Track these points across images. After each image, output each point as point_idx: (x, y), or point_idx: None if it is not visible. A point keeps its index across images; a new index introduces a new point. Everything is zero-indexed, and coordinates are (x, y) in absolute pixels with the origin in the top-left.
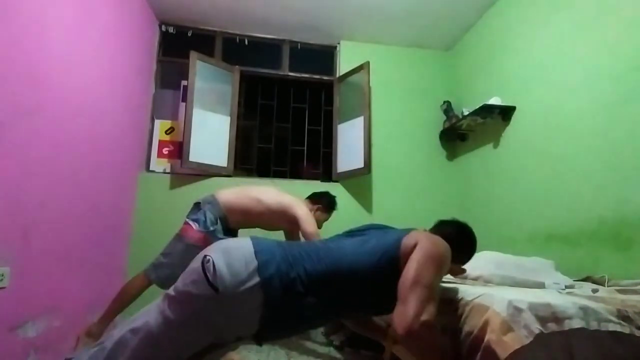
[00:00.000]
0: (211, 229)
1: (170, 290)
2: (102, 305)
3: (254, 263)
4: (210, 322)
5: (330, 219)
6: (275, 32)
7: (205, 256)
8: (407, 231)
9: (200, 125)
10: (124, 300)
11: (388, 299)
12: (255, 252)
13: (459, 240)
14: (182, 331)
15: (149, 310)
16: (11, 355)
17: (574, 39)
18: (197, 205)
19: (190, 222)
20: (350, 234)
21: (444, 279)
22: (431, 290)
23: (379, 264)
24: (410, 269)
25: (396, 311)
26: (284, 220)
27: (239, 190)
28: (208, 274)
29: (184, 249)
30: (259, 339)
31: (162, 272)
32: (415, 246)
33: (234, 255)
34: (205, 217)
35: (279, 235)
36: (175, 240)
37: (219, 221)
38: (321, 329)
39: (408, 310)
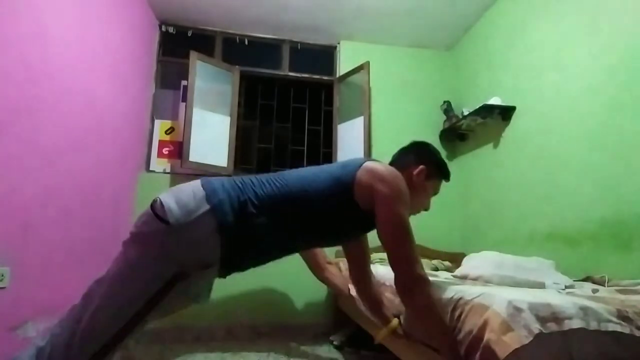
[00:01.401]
0: None
1: (125, 237)
2: None
3: (202, 193)
4: (168, 254)
5: None
6: (275, 32)
7: (154, 199)
8: (361, 163)
9: (200, 125)
10: None
11: (339, 227)
12: (202, 185)
13: (429, 160)
14: (144, 268)
15: (111, 263)
16: (11, 356)
17: (574, 39)
18: None
19: None
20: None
21: (443, 279)
22: (409, 230)
23: (330, 189)
24: (384, 217)
25: (395, 266)
26: None
27: None
28: (156, 211)
29: None
30: (226, 270)
31: None
32: (372, 185)
33: (181, 191)
34: None
35: None
36: None
37: None
38: (321, 330)
39: (404, 264)
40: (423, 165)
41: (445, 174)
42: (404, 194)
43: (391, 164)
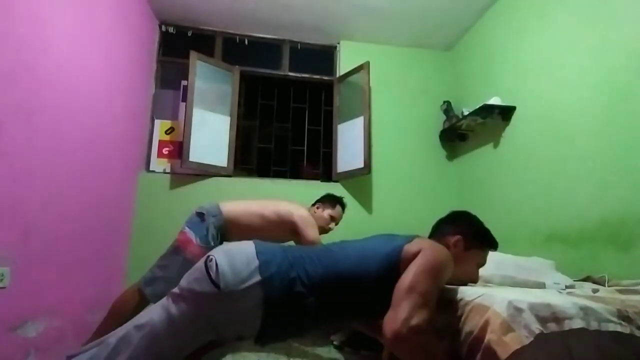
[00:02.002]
0: (212, 244)
1: (175, 289)
2: (102, 306)
3: (256, 262)
4: (212, 320)
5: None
6: (275, 32)
7: (208, 256)
8: (411, 238)
9: (200, 125)
10: (115, 320)
11: (384, 304)
12: (257, 253)
13: (468, 231)
14: (185, 328)
15: (154, 309)
16: (11, 356)
17: (574, 39)
18: (199, 216)
19: (191, 235)
20: (354, 239)
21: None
22: (425, 298)
23: (379, 269)
24: (408, 276)
25: (387, 315)
26: (287, 231)
27: (244, 207)
28: (210, 271)
29: (182, 263)
30: (260, 341)
31: (158, 287)
32: (417, 253)
33: (236, 255)
34: (208, 232)
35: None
36: (172, 252)
37: (218, 235)
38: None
39: (398, 314)
40: (460, 236)
41: (488, 243)
42: (442, 268)
43: (430, 236)
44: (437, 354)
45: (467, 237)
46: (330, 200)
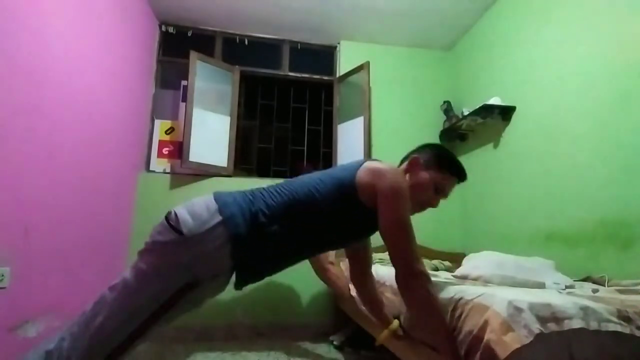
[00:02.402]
0: None
1: (141, 247)
2: None
3: (215, 205)
4: (181, 263)
5: None
6: (275, 32)
7: (168, 211)
8: (361, 163)
9: (200, 125)
10: None
11: (348, 228)
12: (215, 198)
13: (429, 152)
14: (156, 276)
15: (125, 270)
16: (11, 356)
17: (574, 39)
18: None
19: None
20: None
21: (443, 279)
22: (409, 226)
23: (335, 192)
24: (385, 214)
25: (396, 262)
26: None
27: None
28: (171, 222)
29: None
30: (239, 282)
31: None
32: (370, 183)
33: (195, 203)
34: None
35: None
36: None
37: None
38: (321, 330)
39: (404, 258)
40: (416, 155)
41: (447, 165)
42: (403, 190)
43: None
44: (442, 310)
45: (426, 157)
46: None
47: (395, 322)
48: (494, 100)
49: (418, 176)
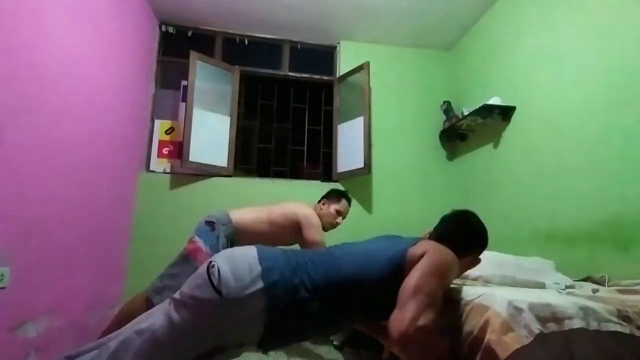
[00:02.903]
0: None
1: (177, 294)
2: (102, 306)
3: (258, 269)
4: (214, 327)
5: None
6: (275, 32)
7: (210, 262)
8: (415, 240)
9: (200, 125)
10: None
11: (392, 307)
12: (259, 259)
13: (466, 235)
14: (186, 334)
15: (155, 313)
16: (11, 356)
17: (574, 38)
18: (209, 224)
19: (201, 244)
20: (357, 241)
21: None
22: (431, 298)
23: (383, 271)
24: (413, 276)
25: (393, 315)
26: (294, 232)
27: (253, 214)
28: (213, 278)
29: (192, 272)
30: (264, 347)
31: (167, 297)
32: (422, 256)
33: (238, 261)
34: (218, 240)
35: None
36: (182, 261)
37: (229, 244)
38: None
39: (404, 314)
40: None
41: (482, 249)
42: (447, 269)
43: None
44: (443, 355)
45: (471, 248)
46: (335, 195)
47: None
48: (494, 100)
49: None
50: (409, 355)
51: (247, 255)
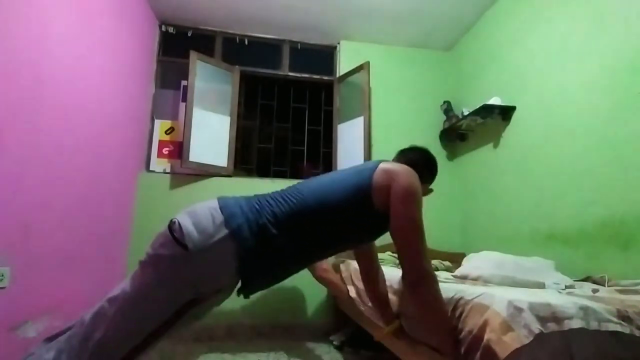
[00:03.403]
0: None
1: (142, 257)
2: None
3: (221, 217)
4: (186, 279)
5: None
6: (275, 32)
7: (171, 220)
8: (376, 165)
9: (200, 125)
10: None
11: (358, 233)
12: (221, 207)
13: (424, 164)
14: (158, 291)
15: (125, 280)
16: (11, 356)
17: (574, 39)
18: None
19: None
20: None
21: (443, 279)
22: (421, 227)
23: (348, 198)
24: (398, 211)
25: (403, 261)
26: None
27: None
28: (175, 234)
29: None
30: (244, 292)
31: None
32: (388, 185)
33: (199, 213)
34: None
35: None
36: None
37: None
38: (322, 330)
39: (414, 255)
40: (426, 185)
41: (432, 178)
42: (418, 191)
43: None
44: (444, 306)
45: (423, 171)
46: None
47: (397, 321)
48: (494, 100)
49: None
50: (423, 297)
51: (208, 207)
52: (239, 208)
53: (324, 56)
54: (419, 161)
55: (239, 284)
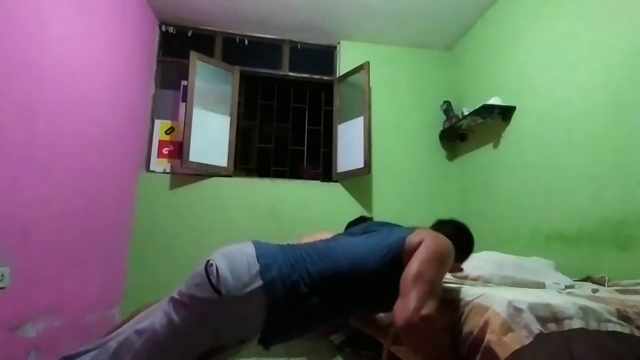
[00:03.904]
0: None
1: (175, 293)
2: (102, 306)
3: (257, 267)
4: (214, 325)
5: (329, 220)
6: (275, 32)
7: (208, 260)
8: (412, 229)
9: (200, 125)
10: None
11: (392, 297)
12: (257, 256)
13: (458, 239)
14: (186, 333)
15: (154, 312)
16: (11, 356)
17: (574, 38)
18: None
19: None
20: (353, 232)
21: (445, 279)
22: (433, 286)
23: (382, 262)
24: (413, 264)
25: (397, 304)
26: None
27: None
28: (211, 277)
29: None
30: (265, 343)
31: None
32: (420, 244)
33: (236, 259)
34: None
35: None
36: None
37: None
38: (323, 330)
39: (409, 302)
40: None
41: (467, 257)
42: (446, 257)
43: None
44: (444, 345)
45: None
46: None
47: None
48: (494, 100)
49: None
50: (414, 344)
51: (245, 253)
52: (275, 259)
53: (324, 56)
54: (455, 235)
55: (261, 335)
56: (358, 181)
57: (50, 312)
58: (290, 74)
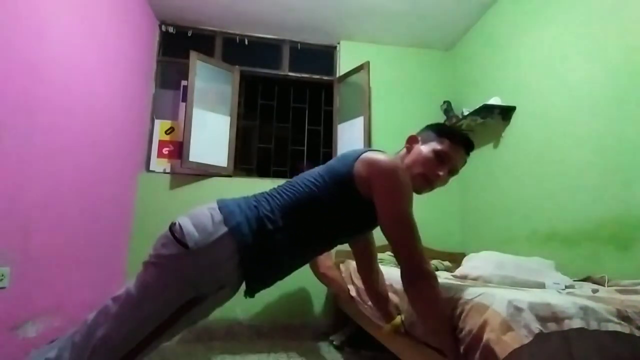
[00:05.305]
0: None
1: (145, 258)
2: None
3: (219, 216)
4: (188, 278)
5: None
6: (275, 32)
7: (172, 222)
8: (359, 154)
9: (200, 125)
10: None
11: (350, 223)
12: (220, 207)
13: (426, 128)
14: (161, 290)
15: (129, 280)
16: (11, 356)
17: (574, 38)
18: None
19: None
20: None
21: (443, 279)
22: (412, 222)
23: (334, 186)
24: (384, 209)
25: (400, 264)
26: None
27: None
28: (176, 234)
29: None
30: (249, 291)
31: None
32: (368, 177)
33: (199, 214)
34: None
35: None
36: None
37: None
38: (321, 330)
39: (410, 259)
40: (414, 134)
41: (444, 132)
42: (403, 186)
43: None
44: (444, 312)
45: (423, 132)
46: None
47: (398, 318)
48: (494, 100)
49: (416, 151)
50: (421, 295)
51: (207, 207)
52: (238, 207)
53: (324, 56)
54: (425, 130)
55: (243, 285)
56: None
57: (50, 312)
58: (290, 74)
